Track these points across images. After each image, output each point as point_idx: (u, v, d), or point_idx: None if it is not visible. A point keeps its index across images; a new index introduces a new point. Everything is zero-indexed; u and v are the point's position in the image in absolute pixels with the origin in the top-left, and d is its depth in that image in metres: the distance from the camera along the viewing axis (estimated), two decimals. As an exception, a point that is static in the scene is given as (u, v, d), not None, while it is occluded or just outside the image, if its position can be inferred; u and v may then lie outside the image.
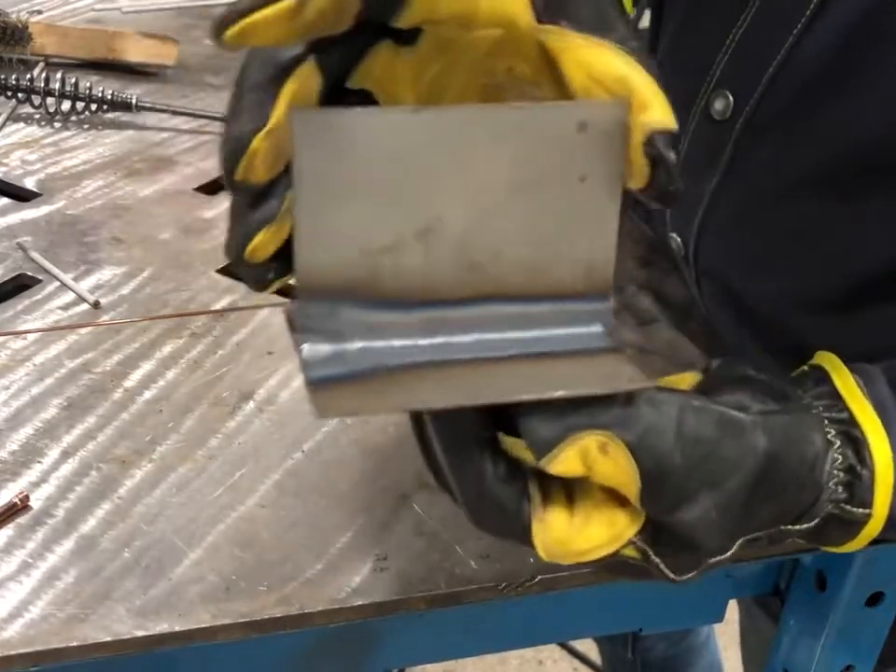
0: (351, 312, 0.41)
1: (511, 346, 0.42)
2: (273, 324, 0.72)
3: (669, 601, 0.65)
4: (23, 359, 0.67)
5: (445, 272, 0.41)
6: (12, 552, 0.53)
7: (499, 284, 0.42)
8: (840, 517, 0.45)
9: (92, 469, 0.58)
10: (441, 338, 0.42)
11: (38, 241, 0.79)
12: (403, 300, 0.41)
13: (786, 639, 0.66)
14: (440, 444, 0.42)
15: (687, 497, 0.41)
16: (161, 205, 0.86)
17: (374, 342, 0.41)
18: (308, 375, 0.39)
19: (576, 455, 0.39)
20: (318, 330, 0.41)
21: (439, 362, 0.41)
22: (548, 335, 0.43)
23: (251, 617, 0.50)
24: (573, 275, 0.43)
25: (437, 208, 0.40)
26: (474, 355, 0.42)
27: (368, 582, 0.53)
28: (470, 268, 0.42)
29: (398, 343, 0.41)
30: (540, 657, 1.79)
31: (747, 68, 0.60)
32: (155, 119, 1.00)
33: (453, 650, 0.67)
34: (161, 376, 0.66)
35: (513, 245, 0.42)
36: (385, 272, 0.41)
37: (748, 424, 0.42)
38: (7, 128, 0.97)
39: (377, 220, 0.40)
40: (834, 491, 0.44)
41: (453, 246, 0.41)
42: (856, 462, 0.44)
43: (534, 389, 0.40)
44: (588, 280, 0.43)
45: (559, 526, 0.41)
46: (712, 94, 0.62)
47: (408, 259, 0.41)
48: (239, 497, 0.57)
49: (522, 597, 0.54)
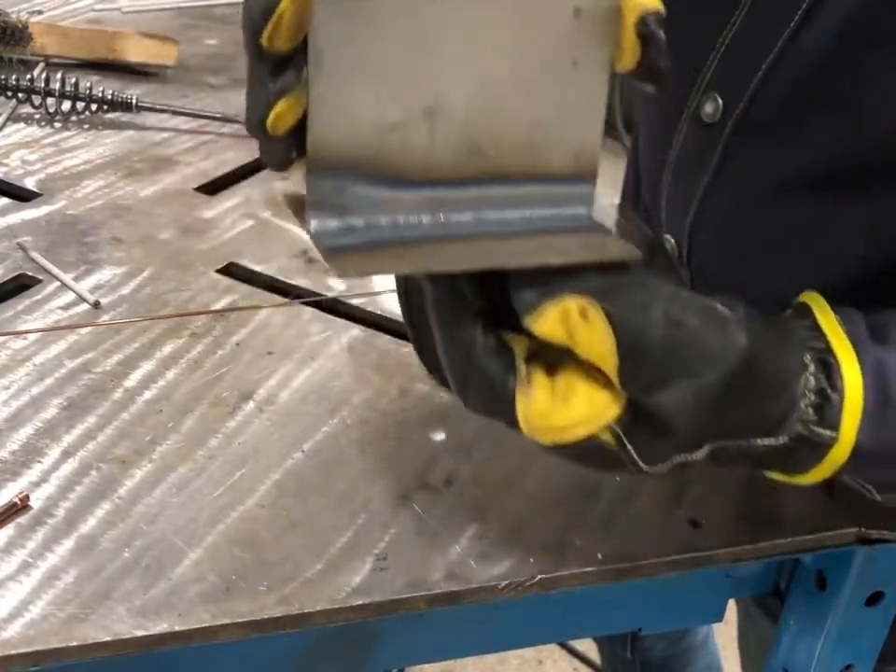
0: (358, 188, 0.43)
1: (505, 225, 0.45)
2: (273, 324, 0.72)
3: (669, 601, 0.65)
4: (24, 359, 0.67)
5: (448, 151, 0.44)
6: (12, 551, 0.53)
7: (496, 165, 0.45)
8: (809, 439, 0.46)
9: (92, 469, 0.58)
10: (441, 215, 0.44)
11: (38, 241, 0.80)
12: (407, 178, 0.44)
13: (786, 639, 0.66)
14: (435, 313, 0.44)
15: (664, 379, 0.43)
16: (161, 205, 0.86)
17: (379, 217, 0.44)
18: (322, 244, 0.43)
19: (557, 317, 0.42)
20: (327, 205, 0.43)
21: (440, 236, 0.44)
22: (539, 215, 0.46)
23: (251, 617, 0.50)
24: (563, 158, 0.46)
25: (443, 88, 0.43)
26: (472, 231, 0.45)
27: (367, 582, 0.53)
28: (470, 149, 0.44)
29: (401, 219, 0.44)
30: (540, 657, 1.79)
31: (736, 72, 0.60)
32: (155, 119, 1.00)
33: (453, 650, 0.67)
34: (162, 376, 0.66)
35: (510, 127, 0.44)
36: (391, 149, 0.43)
37: (732, 320, 0.44)
38: (7, 128, 0.97)
39: (388, 97, 0.42)
40: (805, 412, 0.45)
41: (455, 127, 0.43)
42: (827, 386, 0.46)
43: (529, 259, 0.43)
44: (576, 164, 0.46)
45: (541, 399, 0.43)
46: (702, 97, 0.63)
47: (414, 136, 0.43)
48: (239, 496, 0.57)
49: (522, 597, 0.54)
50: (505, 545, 0.55)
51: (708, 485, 0.60)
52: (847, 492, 0.60)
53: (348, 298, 0.75)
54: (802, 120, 0.58)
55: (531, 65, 0.44)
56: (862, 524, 0.58)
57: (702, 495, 0.60)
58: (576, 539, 0.56)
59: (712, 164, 0.63)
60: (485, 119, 0.44)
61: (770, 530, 0.58)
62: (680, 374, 0.43)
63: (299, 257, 0.80)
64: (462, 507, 0.58)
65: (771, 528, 0.58)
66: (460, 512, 0.57)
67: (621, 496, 0.59)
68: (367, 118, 0.42)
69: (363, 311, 0.75)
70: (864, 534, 0.58)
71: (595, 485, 0.60)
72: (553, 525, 0.57)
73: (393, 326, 0.73)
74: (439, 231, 0.44)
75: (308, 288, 0.76)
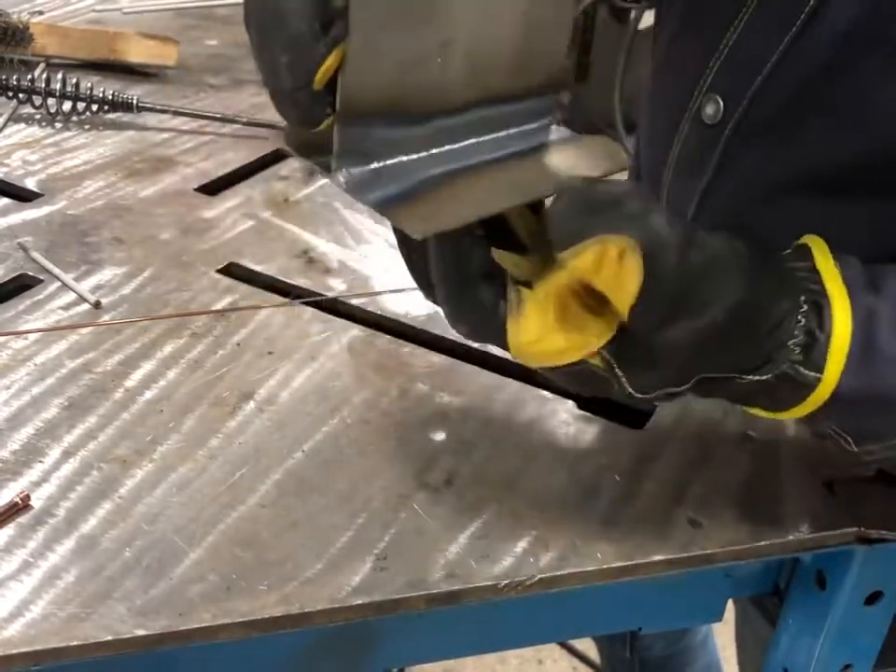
0: (380, 131, 0.46)
1: (498, 148, 0.49)
2: (273, 324, 0.72)
3: (669, 601, 0.65)
4: (24, 359, 0.67)
5: (457, 82, 0.47)
6: (13, 551, 0.53)
7: (488, 88, 0.48)
8: (793, 378, 0.47)
9: (93, 469, 0.59)
10: (447, 146, 0.48)
11: (39, 241, 0.80)
12: (421, 113, 0.47)
13: (785, 638, 0.66)
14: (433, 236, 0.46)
15: (672, 318, 0.44)
16: (162, 205, 0.86)
17: (396, 157, 0.46)
18: (366, 198, 0.45)
19: (595, 255, 0.43)
20: (352, 153, 0.46)
21: (451, 173, 0.47)
22: (525, 130, 0.50)
23: (251, 616, 0.50)
24: (539, 72, 0.50)
25: (453, 21, 0.46)
26: (475, 159, 0.48)
27: (368, 582, 0.53)
28: (474, 76, 0.47)
29: (414, 157, 0.47)
30: (540, 656, 1.79)
31: (738, 74, 0.61)
32: (155, 119, 1.00)
33: (452, 649, 0.67)
34: (162, 376, 0.66)
35: (500, 50, 0.48)
36: (409, 87, 0.46)
37: (735, 263, 0.46)
38: (8, 128, 0.98)
39: (409, 35, 0.45)
40: (791, 351, 0.47)
41: (463, 57, 0.47)
42: (816, 328, 0.47)
43: (542, 188, 0.46)
44: (549, 77, 0.50)
45: (532, 325, 0.45)
46: (704, 98, 0.63)
47: (429, 71, 0.46)
48: (239, 496, 0.57)
49: (522, 597, 0.54)
50: (505, 545, 0.55)
51: (708, 485, 0.60)
52: (847, 492, 0.60)
53: (348, 298, 0.75)
54: (802, 123, 0.58)
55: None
56: (862, 523, 0.58)
57: (702, 495, 0.60)
58: (576, 538, 0.56)
59: (712, 165, 0.63)
60: (483, 44, 0.47)
61: (770, 530, 0.58)
62: (685, 315, 0.44)
63: (299, 257, 0.80)
64: (462, 507, 0.58)
65: (771, 528, 0.58)
66: (460, 512, 0.57)
67: (621, 496, 0.59)
68: (391, 58, 0.45)
69: (363, 311, 0.75)
70: (864, 534, 0.58)
71: (595, 485, 0.60)
72: (552, 524, 0.57)
73: (393, 326, 0.73)
74: (446, 164, 0.47)
75: (308, 288, 0.76)
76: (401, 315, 0.74)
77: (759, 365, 0.47)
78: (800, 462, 0.62)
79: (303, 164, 0.93)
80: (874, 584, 0.61)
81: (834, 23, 0.55)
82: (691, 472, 0.61)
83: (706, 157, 0.64)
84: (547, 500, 0.59)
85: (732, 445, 0.64)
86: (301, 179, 0.92)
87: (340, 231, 0.85)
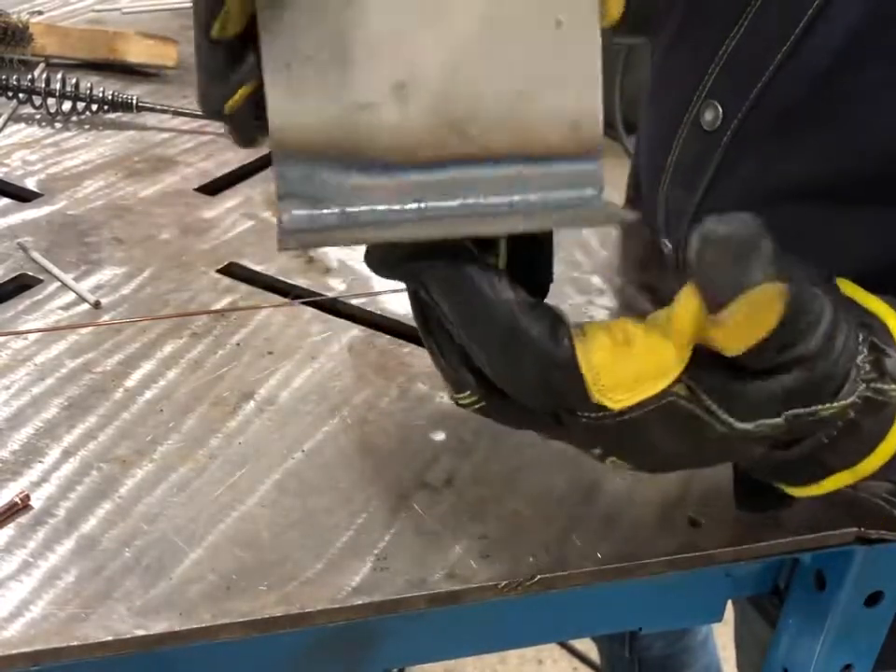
0: (332, 175, 0.40)
1: (498, 210, 0.41)
2: (273, 324, 0.72)
3: (669, 601, 0.65)
4: (24, 359, 0.67)
5: (424, 129, 0.40)
6: (13, 551, 0.53)
7: (482, 144, 0.41)
8: (873, 399, 0.43)
9: (93, 469, 0.59)
10: (424, 203, 0.41)
11: (39, 241, 0.80)
12: (382, 161, 0.40)
13: (785, 638, 0.66)
14: (452, 288, 0.40)
15: (787, 366, 0.40)
16: (162, 205, 0.86)
17: (357, 206, 0.40)
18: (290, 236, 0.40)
19: (746, 315, 0.39)
20: (298, 196, 0.40)
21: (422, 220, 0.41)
22: (536, 199, 0.41)
23: (251, 616, 0.50)
24: (558, 133, 0.41)
25: (411, 59, 0.39)
26: (458, 214, 0.41)
27: (368, 582, 0.53)
28: (450, 126, 0.40)
29: (382, 208, 0.40)
30: (540, 656, 1.79)
31: (737, 81, 0.61)
32: (155, 119, 1.00)
33: (453, 649, 0.67)
34: (162, 376, 0.66)
35: (491, 99, 0.40)
36: (363, 131, 0.40)
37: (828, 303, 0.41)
38: (8, 128, 0.98)
39: (351, 74, 0.39)
40: (863, 368, 0.43)
41: (429, 101, 0.40)
42: (879, 342, 0.43)
43: (517, 224, 0.40)
44: (576, 138, 0.41)
45: (603, 347, 0.39)
46: (703, 104, 0.63)
47: (386, 115, 0.40)
48: (239, 496, 0.57)
49: (522, 597, 0.54)
50: (505, 545, 0.55)
51: (708, 485, 0.60)
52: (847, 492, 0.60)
53: (348, 298, 0.75)
54: (802, 129, 0.58)
55: (507, 27, 0.40)
56: (862, 523, 0.58)
57: (702, 495, 0.60)
58: (576, 538, 0.56)
59: (711, 171, 0.63)
60: (462, 91, 0.40)
61: (770, 530, 0.58)
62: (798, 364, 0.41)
63: (299, 257, 0.80)
64: (462, 507, 0.58)
65: (771, 528, 0.58)
66: (460, 512, 0.57)
67: (621, 496, 0.59)
68: (330, 99, 0.39)
69: (363, 311, 0.75)
70: (864, 534, 0.58)
71: (595, 485, 0.60)
72: (552, 524, 0.57)
73: (393, 326, 0.73)
74: (422, 218, 0.41)
75: (308, 288, 0.76)
76: (401, 315, 0.74)
77: (835, 390, 0.43)
78: (800, 462, 0.62)
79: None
80: (874, 584, 0.61)
81: (835, 29, 0.55)
82: (691, 472, 0.61)
83: (704, 163, 0.64)
84: (547, 500, 0.59)
85: (732, 445, 0.64)
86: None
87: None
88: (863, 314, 0.44)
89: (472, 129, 0.41)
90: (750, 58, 0.60)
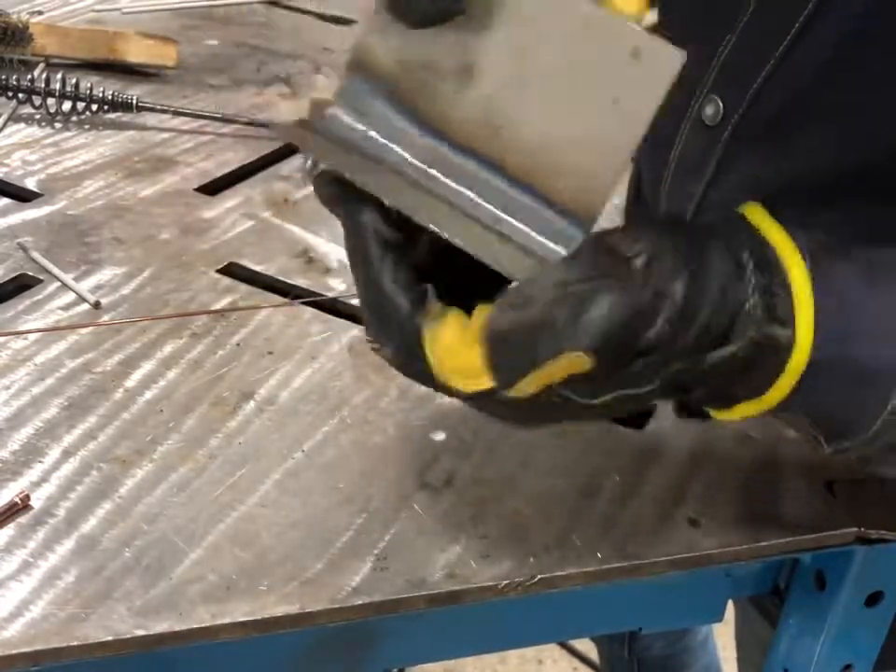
0: (382, 106, 0.46)
1: (479, 212, 0.45)
2: (273, 324, 0.72)
3: (669, 601, 0.65)
4: (24, 359, 0.67)
5: (467, 117, 0.45)
6: (13, 551, 0.53)
7: (503, 155, 0.45)
8: (763, 344, 0.43)
9: (93, 469, 0.59)
10: (433, 170, 0.46)
11: (39, 241, 0.80)
12: (424, 120, 0.46)
13: (785, 639, 0.66)
14: (361, 241, 0.46)
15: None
16: (162, 205, 0.86)
17: (383, 139, 0.46)
18: (322, 127, 0.46)
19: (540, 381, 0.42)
20: (350, 104, 0.46)
21: (421, 184, 0.46)
22: (516, 226, 0.45)
23: (251, 616, 0.50)
24: (570, 187, 0.45)
25: (481, 54, 0.44)
26: (449, 199, 0.45)
27: (368, 582, 0.53)
28: (486, 125, 0.45)
29: (398, 150, 0.46)
30: (540, 657, 1.79)
31: (737, 76, 0.61)
32: (155, 119, 1.00)
33: (453, 649, 0.67)
34: (162, 376, 0.66)
35: (531, 126, 0.44)
36: (420, 86, 0.45)
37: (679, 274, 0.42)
38: (7, 128, 0.97)
39: (430, 36, 0.44)
40: (753, 313, 0.43)
41: (481, 98, 0.45)
42: (770, 282, 0.43)
43: (478, 246, 0.43)
44: (577, 200, 0.45)
45: (450, 335, 0.43)
46: (704, 99, 0.63)
47: (442, 84, 0.45)
48: (239, 496, 0.57)
49: (522, 597, 0.54)
50: (505, 545, 0.55)
51: (708, 485, 0.60)
52: (847, 492, 0.60)
53: (348, 298, 0.75)
54: (802, 124, 0.58)
55: (572, 78, 0.43)
56: (862, 523, 0.58)
57: (702, 494, 0.60)
58: (576, 538, 0.56)
59: (712, 166, 0.64)
60: (511, 104, 0.44)
61: (770, 530, 0.58)
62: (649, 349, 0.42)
63: (299, 257, 0.80)
64: (462, 507, 0.58)
65: (771, 528, 0.58)
66: (460, 512, 0.57)
67: (621, 496, 0.59)
68: (410, 44, 0.45)
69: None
70: (864, 534, 0.58)
71: (595, 485, 0.60)
72: (552, 524, 0.57)
73: (393, 326, 0.73)
74: (420, 179, 0.46)
75: (308, 288, 0.76)
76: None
77: (721, 336, 0.43)
78: (800, 462, 0.62)
79: (303, 164, 0.93)
80: (874, 585, 0.61)
81: (835, 24, 0.55)
82: (691, 472, 0.61)
83: (706, 158, 0.64)
84: (547, 500, 0.59)
85: (732, 445, 0.64)
86: (301, 179, 0.92)
87: (340, 231, 0.84)
88: (762, 248, 0.44)
89: (502, 141, 0.45)
90: (751, 52, 0.60)
